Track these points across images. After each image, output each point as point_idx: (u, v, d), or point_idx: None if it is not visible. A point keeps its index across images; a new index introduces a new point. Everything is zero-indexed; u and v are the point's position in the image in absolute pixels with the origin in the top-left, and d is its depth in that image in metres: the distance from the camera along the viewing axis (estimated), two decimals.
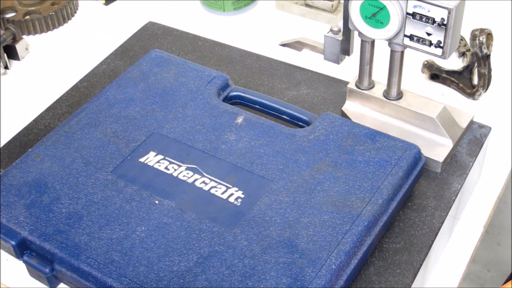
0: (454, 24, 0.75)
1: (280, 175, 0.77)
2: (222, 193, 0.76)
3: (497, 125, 0.97)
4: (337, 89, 0.97)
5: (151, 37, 1.09)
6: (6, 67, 1.12)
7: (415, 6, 0.76)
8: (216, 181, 0.77)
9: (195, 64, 0.93)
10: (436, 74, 1.04)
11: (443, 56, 0.78)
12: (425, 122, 0.85)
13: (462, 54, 1.07)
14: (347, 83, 0.97)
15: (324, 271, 0.68)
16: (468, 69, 1.00)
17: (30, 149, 0.83)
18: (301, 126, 0.87)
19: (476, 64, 0.98)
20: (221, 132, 0.83)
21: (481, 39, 0.94)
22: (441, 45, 0.77)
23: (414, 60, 1.04)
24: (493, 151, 0.95)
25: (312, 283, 0.67)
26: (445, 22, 0.75)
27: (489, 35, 0.95)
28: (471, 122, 0.89)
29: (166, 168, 0.79)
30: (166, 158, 0.80)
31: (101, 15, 1.23)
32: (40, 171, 0.80)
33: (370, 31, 0.80)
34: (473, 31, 0.94)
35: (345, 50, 0.87)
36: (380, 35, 0.80)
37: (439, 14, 0.75)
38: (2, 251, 0.81)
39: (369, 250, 0.74)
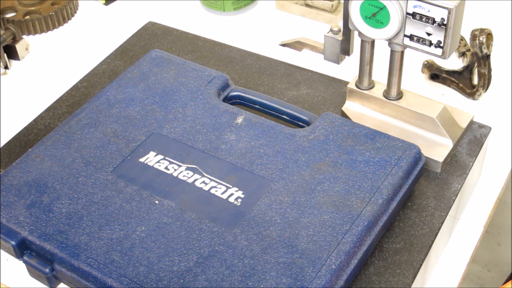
0: (454, 24, 0.75)
1: (280, 175, 0.77)
2: (222, 193, 0.76)
3: (497, 125, 0.97)
4: (337, 89, 0.97)
5: (151, 37, 1.09)
6: (6, 67, 1.12)
7: (415, 6, 0.76)
8: (216, 181, 0.77)
9: (195, 64, 0.93)
10: (436, 74, 1.04)
11: (443, 56, 0.78)
12: (425, 122, 0.85)
13: (462, 54, 1.07)
14: (347, 83, 0.97)
15: (324, 271, 0.68)
16: (468, 69, 1.00)
17: (30, 149, 0.83)
18: (301, 126, 0.87)
19: (476, 64, 0.98)
20: (221, 132, 0.83)
21: (481, 39, 0.94)
22: (441, 45, 0.77)
23: (414, 60, 1.04)
24: (493, 151, 0.95)
25: (312, 283, 0.67)
26: (445, 22, 0.75)
27: (489, 35, 0.95)
28: (471, 122, 0.89)
29: (166, 168, 0.79)
30: (166, 158, 0.80)
31: (101, 15, 1.23)
32: (40, 171, 0.80)
33: (370, 31, 0.80)
34: (473, 31, 0.94)
35: (345, 50, 0.87)
36: (380, 35, 0.80)
37: (439, 14, 0.75)
38: (2, 251, 0.81)
39: (369, 250, 0.74)
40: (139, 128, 0.84)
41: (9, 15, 1.21)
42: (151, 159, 0.81)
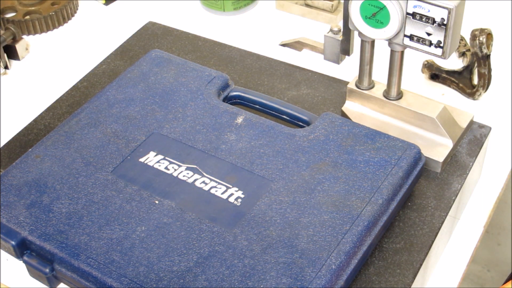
0: (454, 24, 0.75)
1: (280, 175, 0.77)
2: (222, 193, 0.76)
3: (497, 125, 0.97)
4: (337, 89, 0.97)
5: (151, 37, 1.09)
6: (6, 67, 1.12)
7: (415, 6, 0.76)
8: (216, 181, 0.77)
9: (195, 64, 0.93)
10: (436, 74, 1.04)
11: (443, 56, 0.78)
12: (425, 122, 0.85)
13: (462, 54, 1.07)
14: (347, 83, 0.97)
15: (324, 271, 0.68)
16: (468, 69, 1.00)
17: (30, 149, 0.83)
18: (301, 126, 0.87)
19: (476, 64, 0.98)
20: (221, 132, 0.83)
21: (481, 39, 0.94)
22: (441, 45, 0.77)
23: (414, 60, 1.04)
24: (493, 151, 0.95)
25: (312, 283, 0.67)
26: (445, 22, 0.75)
27: (489, 35, 0.95)
28: (471, 122, 0.89)
29: (166, 168, 0.79)
30: (166, 158, 0.80)
31: (101, 15, 1.23)
32: (40, 171, 0.80)
33: (370, 31, 0.80)
34: (473, 31, 0.94)
35: (345, 50, 0.87)
36: (380, 35, 0.80)
37: (439, 14, 0.75)
38: (2, 251, 0.81)
39: (369, 250, 0.74)
40: (139, 128, 0.84)
41: (9, 15, 1.21)
42: (151, 159, 0.81)
